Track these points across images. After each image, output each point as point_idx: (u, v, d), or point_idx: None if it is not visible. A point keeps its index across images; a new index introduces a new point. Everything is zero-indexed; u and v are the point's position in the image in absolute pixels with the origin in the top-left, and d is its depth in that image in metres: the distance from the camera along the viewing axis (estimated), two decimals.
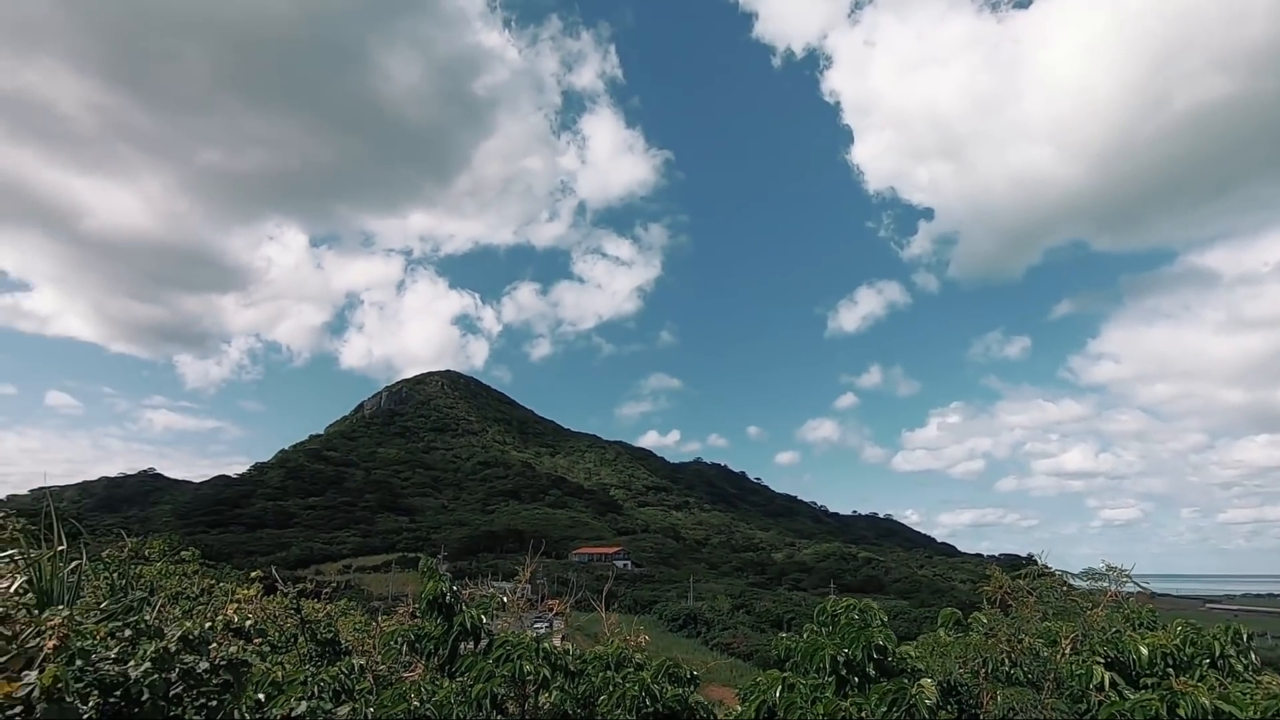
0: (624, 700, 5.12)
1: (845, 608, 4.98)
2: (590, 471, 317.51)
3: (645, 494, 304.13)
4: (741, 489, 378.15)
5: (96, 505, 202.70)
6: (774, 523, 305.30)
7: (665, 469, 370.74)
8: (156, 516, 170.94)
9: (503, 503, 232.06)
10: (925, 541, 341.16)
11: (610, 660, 5.99)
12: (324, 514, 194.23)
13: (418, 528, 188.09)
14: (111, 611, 4.54)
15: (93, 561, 6.48)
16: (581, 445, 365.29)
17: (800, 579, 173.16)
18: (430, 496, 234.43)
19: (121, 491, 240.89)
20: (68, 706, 2.84)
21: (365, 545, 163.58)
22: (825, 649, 4.52)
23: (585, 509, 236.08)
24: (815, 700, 4.29)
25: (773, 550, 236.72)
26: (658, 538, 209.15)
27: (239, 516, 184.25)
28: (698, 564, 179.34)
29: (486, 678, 4.68)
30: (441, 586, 4.98)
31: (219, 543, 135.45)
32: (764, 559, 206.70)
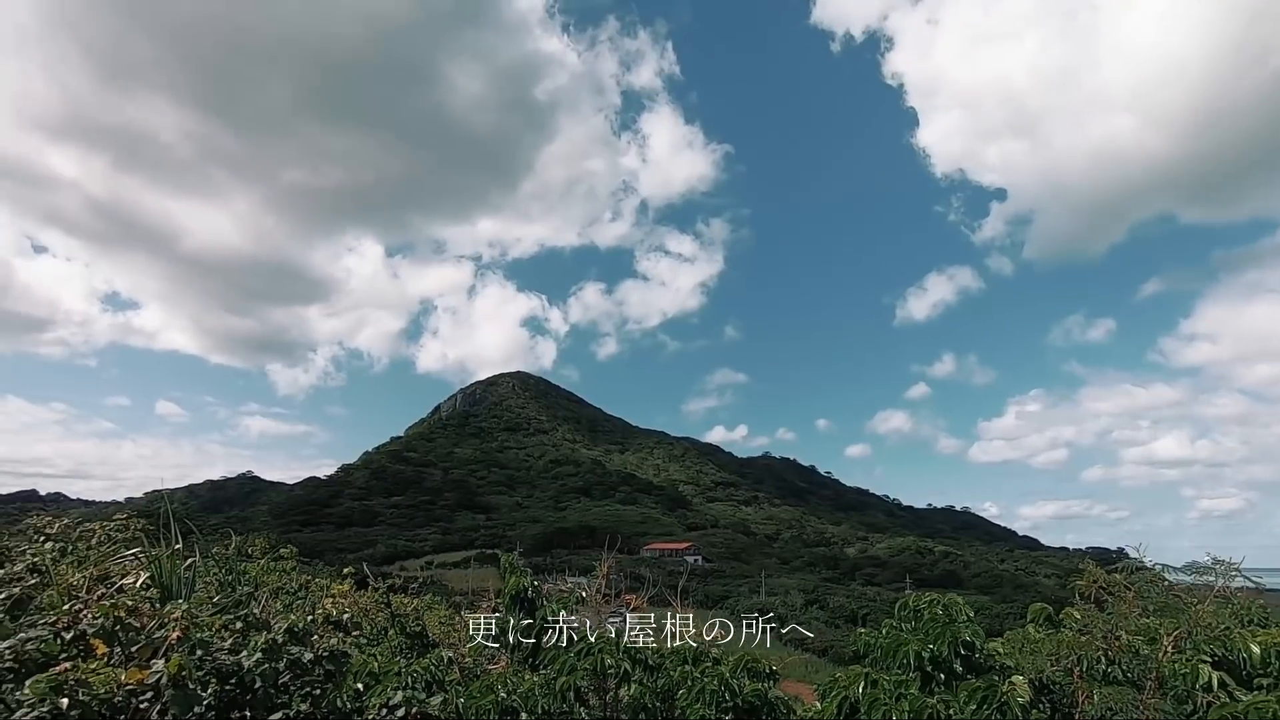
0: (703, 695, 5.10)
1: (928, 603, 4.82)
2: (659, 468, 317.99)
3: (714, 489, 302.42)
4: (811, 483, 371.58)
5: (202, 506, 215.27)
6: (845, 517, 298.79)
7: (733, 464, 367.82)
8: (255, 516, 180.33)
9: (574, 500, 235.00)
10: (1006, 535, 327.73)
11: (687, 655, 5.99)
12: (406, 512, 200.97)
13: (494, 525, 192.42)
14: (223, 605, 4.82)
15: (203, 559, 6.88)
16: (649, 442, 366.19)
17: (874, 574, 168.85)
18: (505, 494, 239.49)
19: (224, 493, 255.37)
20: (191, 693, 3.03)
21: (445, 542, 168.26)
22: (909, 644, 4.39)
23: (655, 505, 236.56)
24: (900, 697, 4.17)
25: (845, 545, 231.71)
26: (727, 533, 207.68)
27: (329, 515, 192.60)
28: (768, 559, 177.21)
29: (569, 670, 4.75)
30: (524, 582, 5.08)
31: (311, 541, 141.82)
32: (836, 554, 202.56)
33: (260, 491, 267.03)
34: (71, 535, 5.78)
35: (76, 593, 4.58)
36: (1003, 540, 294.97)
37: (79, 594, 4.52)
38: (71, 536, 5.77)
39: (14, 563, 4.75)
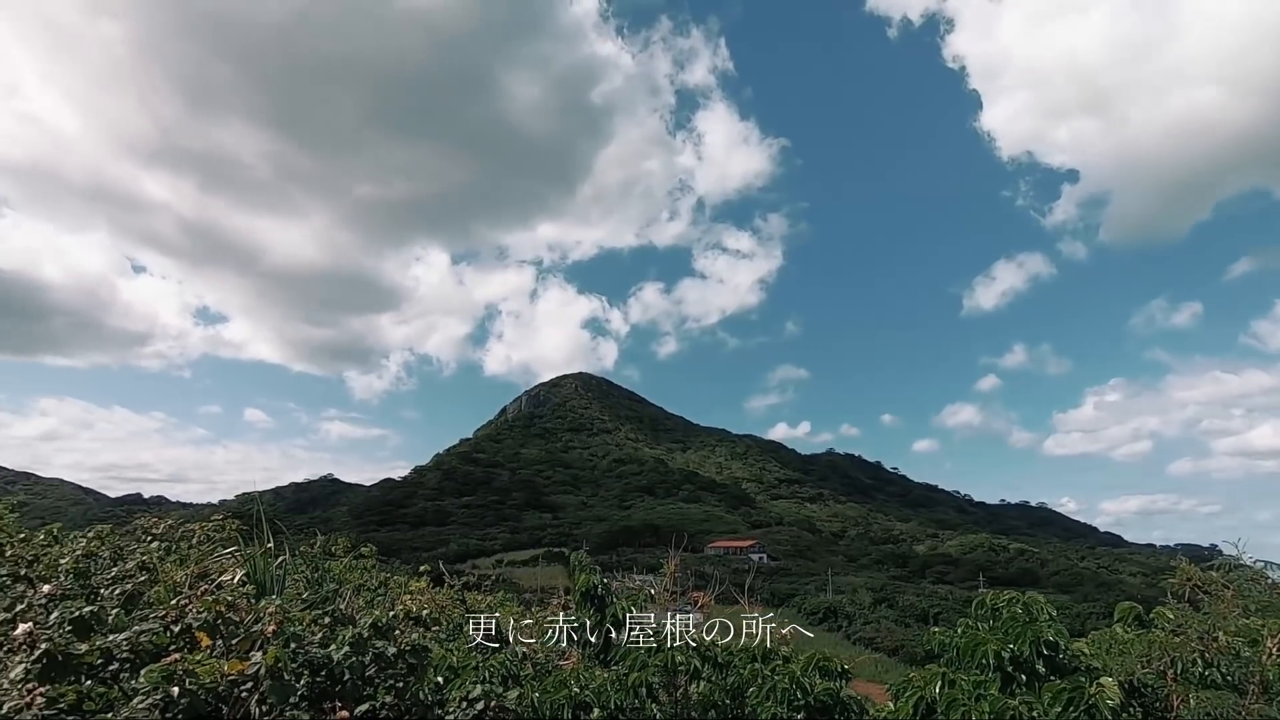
0: (774, 693, 5.04)
1: (1007, 601, 4.63)
2: (721, 466, 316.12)
3: (777, 487, 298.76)
4: (878, 479, 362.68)
5: (287, 508, 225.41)
6: (914, 513, 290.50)
7: (796, 461, 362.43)
8: (336, 517, 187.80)
9: (638, 498, 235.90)
10: (1086, 531, 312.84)
11: (756, 652, 5.93)
12: (476, 512, 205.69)
13: (560, 524, 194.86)
14: (312, 601, 5.04)
15: (291, 557, 7.21)
16: (711, 440, 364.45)
17: (945, 572, 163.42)
18: (570, 494, 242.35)
19: (307, 495, 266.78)
20: (286, 684, 3.18)
21: (514, 541, 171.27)
22: (987, 644, 4.23)
23: (718, 503, 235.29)
24: (979, 698, 4.02)
25: (914, 542, 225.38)
26: (792, 530, 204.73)
27: (403, 516, 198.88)
28: (835, 557, 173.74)
29: (640, 667, 4.76)
30: (594, 580, 5.13)
31: (388, 540, 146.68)
32: (905, 551, 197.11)
33: (340, 493, 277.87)
34: (174, 535, 6.16)
35: (180, 589, 4.88)
36: (1082, 537, 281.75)
37: (183, 590, 4.81)
38: (175, 536, 6.14)
39: (126, 561, 5.08)
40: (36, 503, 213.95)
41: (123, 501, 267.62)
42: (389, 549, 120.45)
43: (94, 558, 5.27)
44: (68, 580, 4.57)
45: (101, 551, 5.44)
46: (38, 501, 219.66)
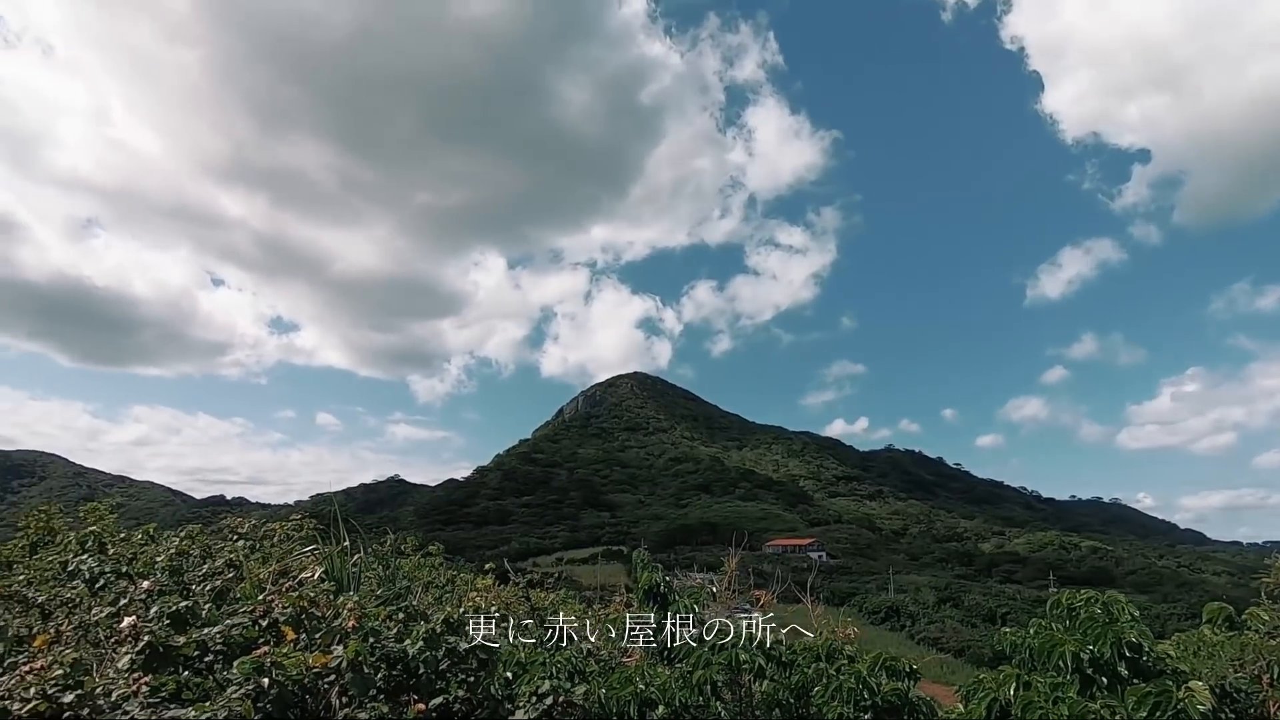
0: (840, 692, 4.95)
1: (1085, 600, 4.43)
2: (778, 463, 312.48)
3: (835, 484, 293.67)
4: (939, 475, 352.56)
5: (357, 508, 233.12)
6: (978, 510, 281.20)
7: (855, 458, 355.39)
8: (403, 516, 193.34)
9: (695, 497, 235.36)
10: (1164, 528, 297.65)
11: (820, 651, 5.83)
12: (536, 511, 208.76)
13: (618, 522, 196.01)
14: (385, 598, 5.20)
15: (364, 555, 7.45)
16: (767, 438, 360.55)
17: (1013, 570, 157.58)
18: (627, 493, 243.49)
19: (375, 495, 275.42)
20: (367, 676, 3.30)
21: (573, 539, 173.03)
22: (1065, 645, 4.06)
23: (775, 501, 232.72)
24: (1057, 700, 3.86)
25: (979, 540, 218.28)
26: (852, 528, 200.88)
27: (467, 515, 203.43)
28: (896, 555, 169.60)
29: (705, 665, 4.75)
30: (656, 578, 5.14)
31: (452, 539, 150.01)
32: (970, 549, 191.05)
33: (406, 493, 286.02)
34: (258, 535, 6.45)
35: (264, 585, 5.10)
36: (1161, 534, 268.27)
37: (266, 586, 5.03)
38: (258, 536, 6.43)
39: (215, 559, 5.35)
40: (131, 504, 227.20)
41: (208, 503, 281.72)
42: (453, 547, 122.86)
43: (186, 556, 5.56)
44: (164, 577, 4.83)
45: (192, 550, 5.74)
46: (132, 503, 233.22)
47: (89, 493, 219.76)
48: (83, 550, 5.20)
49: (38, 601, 5.04)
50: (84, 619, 4.40)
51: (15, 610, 4.94)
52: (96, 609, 4.38)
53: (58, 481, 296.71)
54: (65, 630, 4.36)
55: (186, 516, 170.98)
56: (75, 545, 5.41)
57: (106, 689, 3.04)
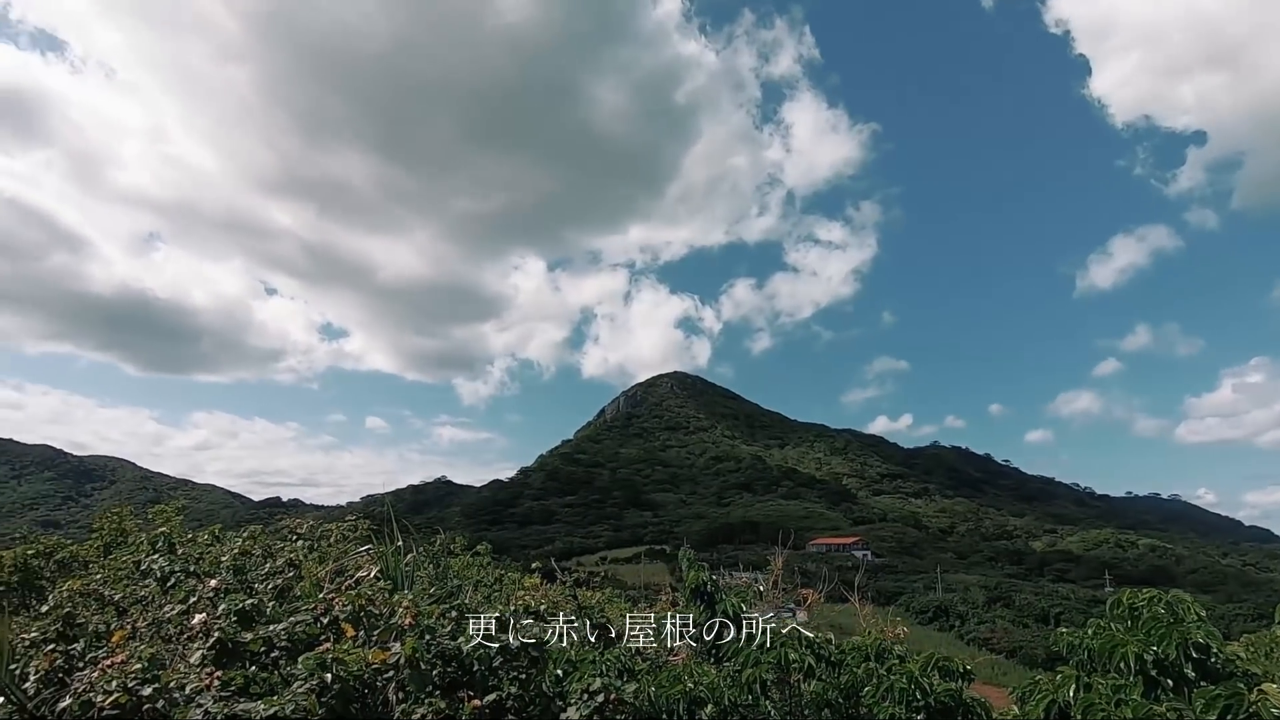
0: (891, 692, 4.87)
1: (1147, 600, 4.27)
2: (820, 462, 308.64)
3: (879, 482, 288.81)
4: (987, 472, 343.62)
5: (406, 508, 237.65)
6: (1028, 508, 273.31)
7: (899, 455, 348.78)
8: (450, 516, 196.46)
9: (736, 496, 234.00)
10: (1227, 526, 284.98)
11: (870, 651, 5.74)
12: (579, 511, 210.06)
13: (660, 522, 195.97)
14: (438, 596, 5.29)
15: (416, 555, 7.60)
16: (809, 436, 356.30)
17: (1066, 570, 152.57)
18: (669, 492, 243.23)
19: (422, 496, 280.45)
20: (423, 672, 3.37)
21: (616, 539, 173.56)
22: (1127, 645, 3.91)
23: (818, 499, 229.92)
24: (1120, 703, 3.73)
25: (1029, 538, 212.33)
26: (897, 527, 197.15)
27: (511, 515, 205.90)
28: (943, 554, 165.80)
29: (754, 664, 4.72)
30: (703, 576, 5.14)
31: (497, 538, 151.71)
32: (1020, 548, 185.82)
33: (453, 494, 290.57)
34: (315, 535, 6.64)
35: (322, 584, 5.25)
36: (1224, 532, 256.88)
37: (324, 585, 5.18)
38: (315, 536, 6.62)
39: (275, 558, 5.53)
40: (194, 506, 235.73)
41: (265, 504, 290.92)
42: (499, 547, 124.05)
43: (248, 555, 5.76)
44: (229, 576, 5.01)
45: (254, 550, 5.94)
46: (195, 505, 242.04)
47: (155, 495, 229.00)
48: (154, 550, 5.43)
49: (114, 599, 5.28)
50: (156, 616, 4.59)
51: (93, 607, 5.18)
52: (168, 606, 4.57)
53: (126, 485, 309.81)
54: (140, 626, 4.56)
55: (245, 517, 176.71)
56: (147, 546, 5.65)
57: (180, 682, 3.17)
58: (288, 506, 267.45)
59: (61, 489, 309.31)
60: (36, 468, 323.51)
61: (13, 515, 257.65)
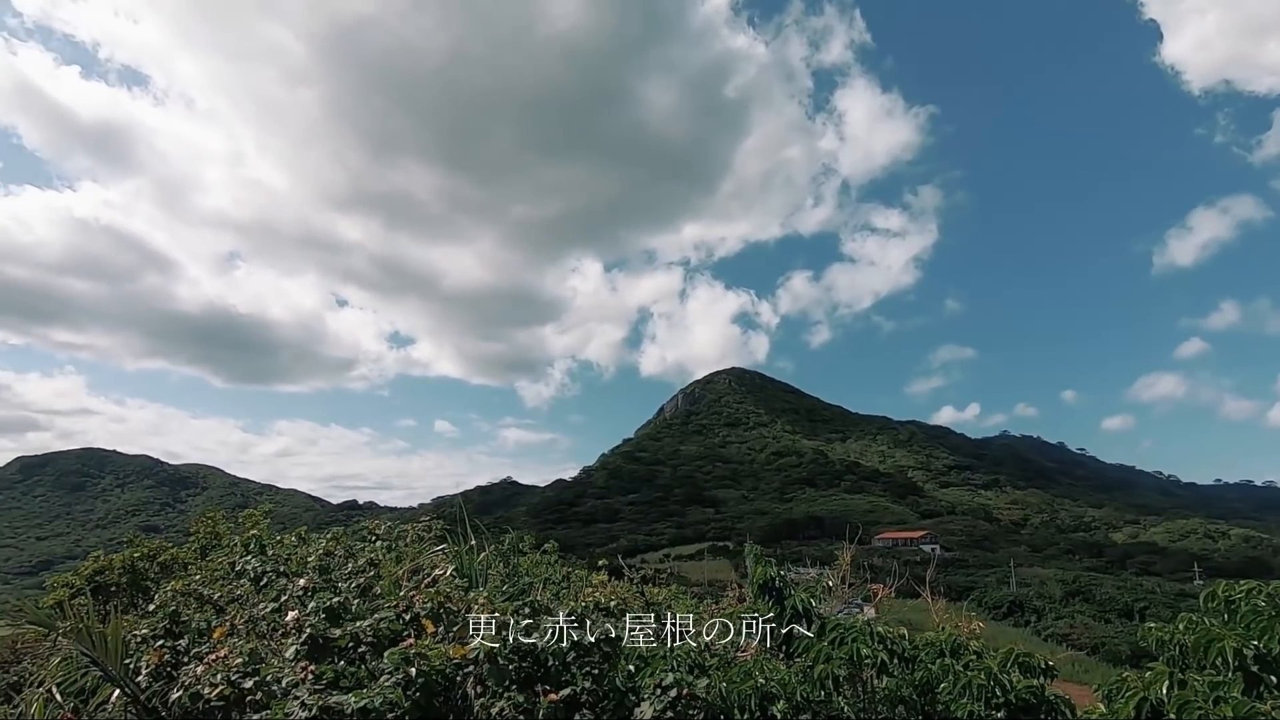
0: (969, 689, 4.72)
1: (1246, 592, 4.01)
2: (884, 455, 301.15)
3: (947, 474, 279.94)
4: (1061, 462, 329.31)
5: (474, 509, 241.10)
6: (1108, 498, 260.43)
7: (967, 446, 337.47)
8: (516, 516, 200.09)
9: (799, 491, 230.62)
10: None
11: (944, 647, 5.57)
12: (642, 508, 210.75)
13: (722, 518, 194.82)
14: (511, 593, 5.41)
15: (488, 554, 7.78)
16: (872, 428, 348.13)
17: (1150, 562, 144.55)
18: (730, 488, 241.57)
19: (490, 497, 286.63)
20: (502, 667, 3.45)
21: (680, 536, 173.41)
22: (1224, 640, 3.69)
23: (883, 493, 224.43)
24: (1218, 700, 3.52)
25: (1109, 530, 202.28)
26: (967, 520, 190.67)
27: (576, 514, 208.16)
28: (1016, 547, 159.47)
29: (825, 659, 4.65)
30: (771, 572, 5.09)
31: (563, 536, 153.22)
32: (1100, 540, 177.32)
33: (519, 494, 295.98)
34: (392, 535, 6.89)
35: (400, 582, 5.44)
36: None
37: (402, 584, 5.36)
38: (392, 536, 6.87)
39: (357, 558, 5.76)
40: (278, 510, 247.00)
41: (343, 507, 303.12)
42: (565, 545, 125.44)
43: (332, 556, 6.02)
44: (315, 575, 5.24)
45: (337, 550, 6.20)
46: (279, 509, 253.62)
47: (243, 500, 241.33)
48: (246, 552, 5.72)
49: (212, 598, 5.59)
50: (252, 613, 4.84)
51: (193, 606, 5.50)
52: (262, 604, 4.82)
53: (217, 491, 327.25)
54: (237, 623, 4.82)
55: (325, 520, 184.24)
56: (240, 548, 5.96)
57: (277, 676, 3.34)
58: (364, 509, 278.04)
59: (159, 496, 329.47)
60: (137, 476, 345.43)
61: (118, 521, 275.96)
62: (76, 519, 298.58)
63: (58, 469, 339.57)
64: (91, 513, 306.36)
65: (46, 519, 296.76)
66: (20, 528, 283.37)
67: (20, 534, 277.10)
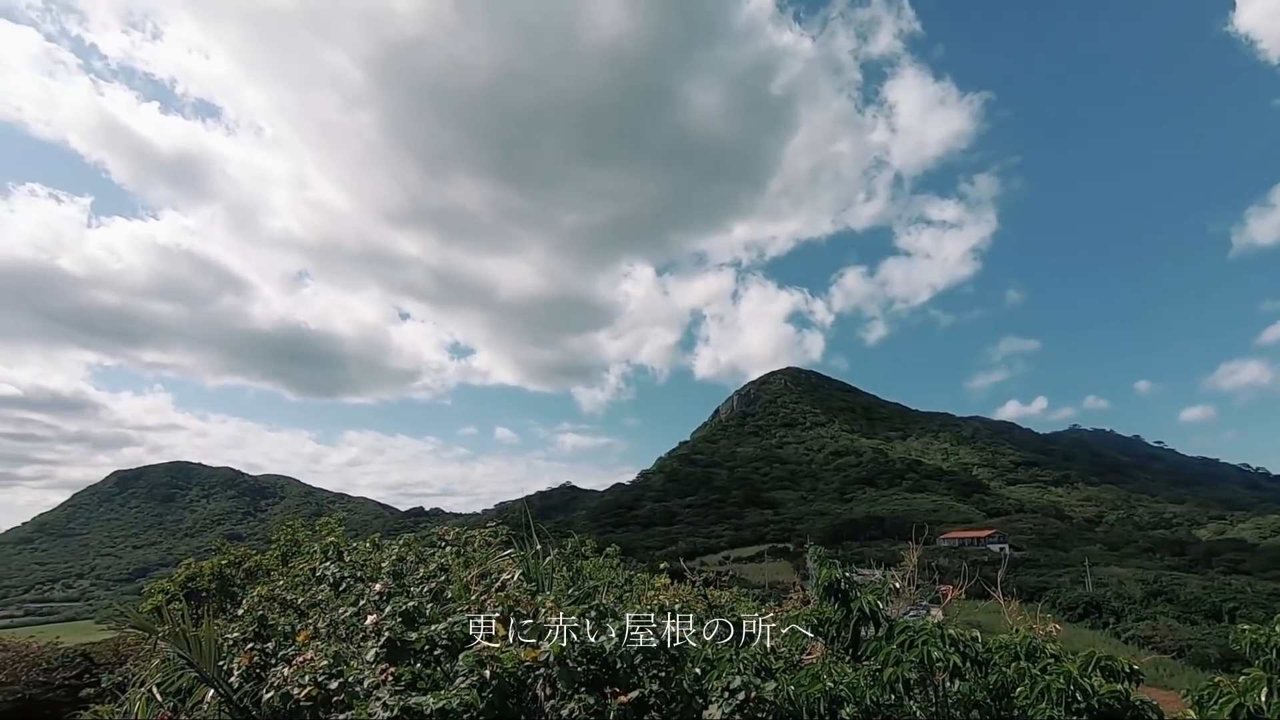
0: (1047, 693, 4.53)
1: None
2: (947, 452, 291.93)
3: (1013, 471, 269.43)
4: (1137, 456, 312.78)
5: (535, 514, 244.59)
6: (1189, 493, 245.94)
7: (1034, 441, 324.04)
8: (576, 520, 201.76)
9: (859, 491, 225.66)
10: None
11: (1019, 649, 5.36)
12: (700, 511, 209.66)
13: (781, 520, 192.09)
14: (576, 597, 5.46)
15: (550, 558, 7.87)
16: (933, 425, 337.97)
17: (1239, 560, 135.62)
18: (789, 489, 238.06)
19: (550, 501, 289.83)
20: (570, 669, 3.49)
21: (739, 538, 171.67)
22: None
23: (947, 492, 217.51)
24: None
25: (1192, 526, 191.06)
26: (1036, 518, 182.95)
27: (634, 517, 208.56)
28: (1091, 545, 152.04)
29: (895, 662, 4.54)
30: (836, 573, 5.00)
31: (622, 540, 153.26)
32: (1182, 537, 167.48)
33: (578, 499, 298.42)
34: (460, 541, 7.05)
35: (469, 586, 5.56)
36: None
37: (471, 587, 5.47)
38: (461, 542, 7.03)
39: (428, 564, 5.91)
40: (350, 517, 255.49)
41: (410, 514, 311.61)
42: (624, 548, 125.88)
43: (404, 561, 6.20)
44: (389, 580, 5.41)
45: (408, 556, 6.39)
46: (351, 516, 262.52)
47: (317, 509, 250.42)
48: (325, 558, 5.95)
49: (294, 603, 5.83)
50: (332, 617, 5.03)
51: (277, 610, 5.74)
52: (341, 609, 5.00)
53: (293, 500, 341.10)
54: (319, 627, 5.01)
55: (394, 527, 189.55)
56: (319, 554, 6.21)
57: (358, 678, 3.47)
58: (430, 515, 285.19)
59: (241, 505, 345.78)
60: (221, 487, 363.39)
61: (204, 530, 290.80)
62: (167, 528, 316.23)
63: (149, 481, 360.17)
64: (181, 522, 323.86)
65: (141, 528, 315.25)
66: (118, 537, 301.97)
67: (119, 543, 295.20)
